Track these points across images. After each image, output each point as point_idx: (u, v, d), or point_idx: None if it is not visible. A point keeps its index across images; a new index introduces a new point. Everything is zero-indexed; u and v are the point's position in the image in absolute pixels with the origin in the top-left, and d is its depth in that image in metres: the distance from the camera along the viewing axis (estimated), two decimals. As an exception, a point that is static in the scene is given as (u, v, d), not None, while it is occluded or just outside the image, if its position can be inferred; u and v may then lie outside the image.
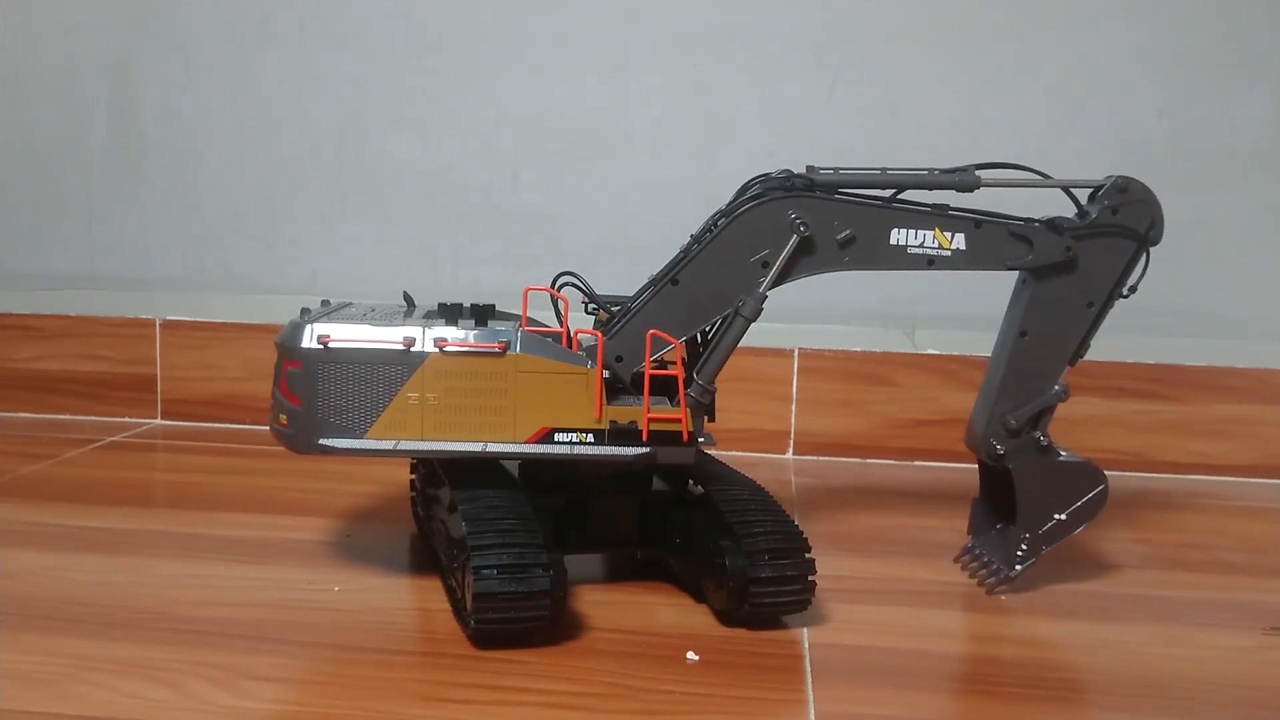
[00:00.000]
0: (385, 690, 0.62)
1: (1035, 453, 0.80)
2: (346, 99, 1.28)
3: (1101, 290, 0.79)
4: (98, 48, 1.30)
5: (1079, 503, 0.80)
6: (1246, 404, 1.18)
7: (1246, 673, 0.69)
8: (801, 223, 0.75)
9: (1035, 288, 0.79)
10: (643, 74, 1.24)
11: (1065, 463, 0.80)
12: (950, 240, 0.77)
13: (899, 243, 0.77)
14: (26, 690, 0.61)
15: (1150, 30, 1.17)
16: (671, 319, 0.76)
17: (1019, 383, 0.80)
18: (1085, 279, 0.79)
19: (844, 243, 0.76)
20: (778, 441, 1.23)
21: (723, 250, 0.76)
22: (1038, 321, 0.79)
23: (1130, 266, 0.79)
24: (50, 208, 1.34)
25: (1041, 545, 0.80)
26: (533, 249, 1.26)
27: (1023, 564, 0.80)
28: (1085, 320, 0.79)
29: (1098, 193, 0.79)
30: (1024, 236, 0.78)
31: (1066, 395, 0.80)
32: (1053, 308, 0.79)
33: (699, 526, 0.76)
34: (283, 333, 0.74)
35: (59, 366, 1.32)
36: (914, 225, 0.77)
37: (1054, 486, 0.80)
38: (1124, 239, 0.78)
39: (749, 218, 0.76)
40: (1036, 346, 0.80)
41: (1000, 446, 0.80)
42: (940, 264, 0.78)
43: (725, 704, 0.62)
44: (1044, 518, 0.80)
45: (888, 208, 0.77)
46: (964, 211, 0.77)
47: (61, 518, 0.92)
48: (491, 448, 0.72)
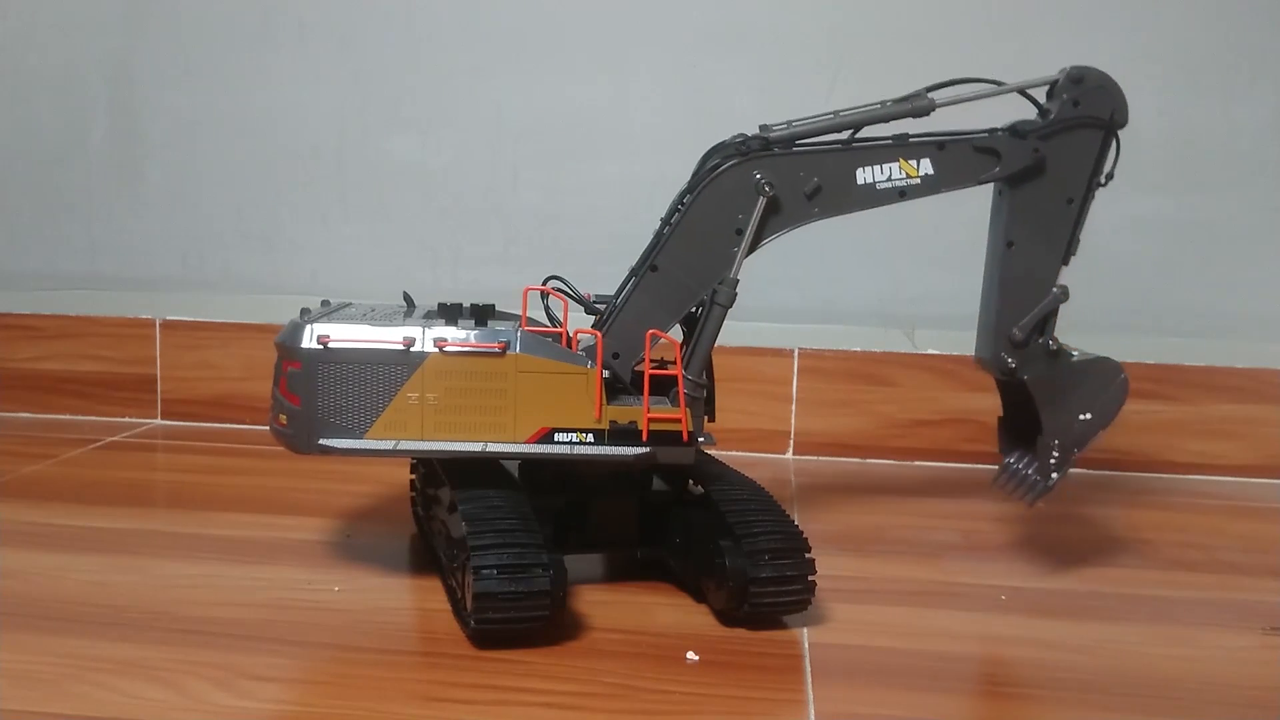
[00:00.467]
0: (385, 690, 0.62)
1: (1046, 359, 0.79)
2: (346, 99, 1.28)
3: (1078, 185, 0.78)
4: (98, 48, 1.30)
5: (1101, 398, 0.79)
6: (1246, 404, 1.18)
7: (1246, 673, 0.69)
8: (766, 183, 0.75)
9: (1012, 196, 0.78)
10: (642, 74, 1.24)
11: (1079, 362, 0.80)
12: (917, 168, 0.77)
13: (866, 181, 0.77)
14: (26, 690, 0.61)
15: (1150, 30, 1.17)
16: (658, 306, 0.76)
17: (1016, 293, 0.79)
18: (1060, 177, 0.78)
19: (811, 193, 0.76)
20: (778, 441, 1.23)
21: (694, 226, 0.76)
22: (1021, 229, 0.79)
23: (1102, 155, 0.78)
24: (50, 208, 1.34)
25: (1073, 448, 0.79)
26: (533, 249, 1.26)
27: (1058, 471, 0.79)
28: (1069, 218, 0.79)
29: (1055, 87, 0.78)
30: (989, 148, 0.77)
31: (1067, 296, 0.79)
32: (1033, 212, 0.78)
33: (699, 526, 0.76)
34: (282, 333, 0.74)
35: (59, 366, 1.32)
36: (878, 161, 0.76)
37: (1073, 388, 0.79)
38: (1090, 129, 0.77)
39: (713, 189, 0.75)
40: (1025, 254, 0.79)
41: (1011, 360, 0.79)
42: (912, 193, 0.77)
43: (725, 704, 0.62)
44: (1070, 421, 0.79)
45: (848, 149, 0.77)
46: (925, 136, 0.77)
47: (61, 518, 0.92)
48: (491, 448, 0.72)
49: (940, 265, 1.20)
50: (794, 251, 1.24)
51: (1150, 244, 1.19)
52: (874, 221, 1.21)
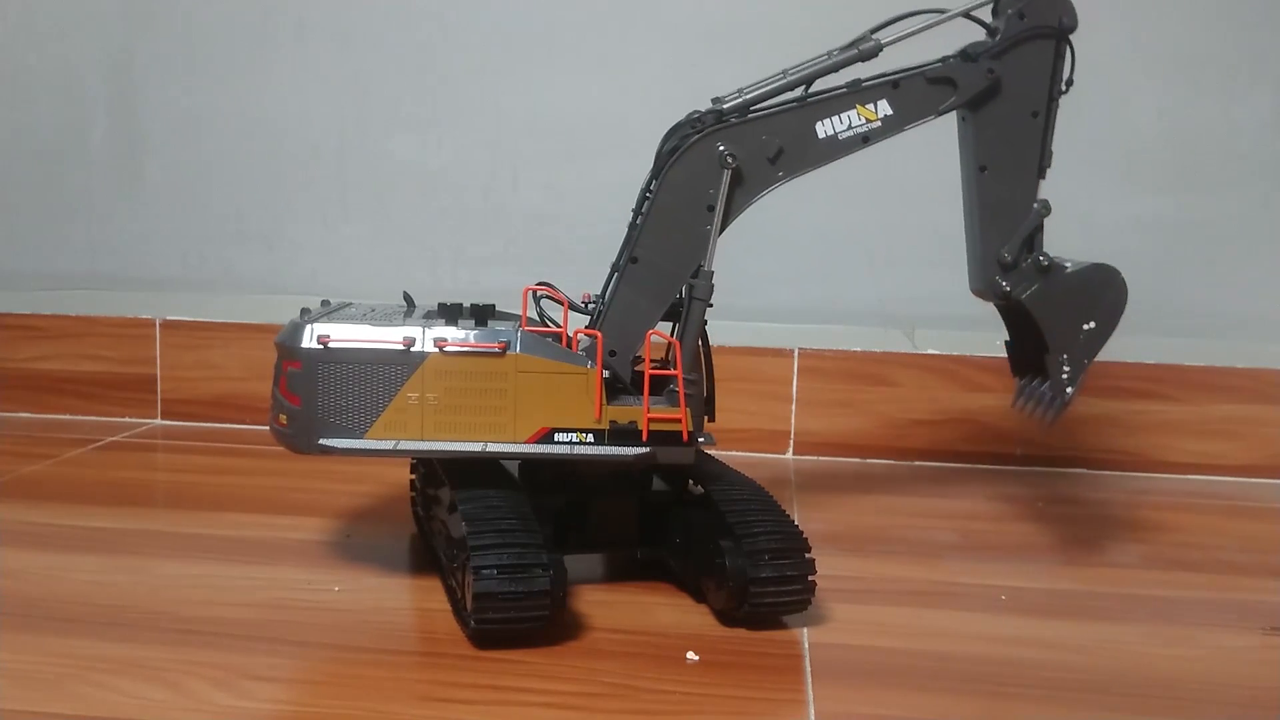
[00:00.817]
0: (385, 690, 0.62)
1: (1040, 276, 0.79)
2: (346, 99, 1.28)
3: (1040, 97, 0.78)
4: (98, 48, 1.30)
5: (1102, 305, 0.79)
6: (1246, 404, 1.18)
7: (1246, 673, 0.69)
8: (729, 154, 0.75)
9: (975, 120, 0.78)
10: (642, 74, 1.24)
11: (1074, 273, 0.79)
12: (875, 111, 0.77)
13: (828, 134, 0.76)
14: (26, 690, 0.61)
15: (1150, 30, 1.17)
16: (644, 296, 0.76)
17: (998, 216, 0.79)
18: (1019, 93, 0.78)
19: (774, 157, 0.76)
20: (778, 441, 1.23)
21: (665, 211, 0.76)
22: (991, 151, 0.79)
23: (1057, 63, 0.78)
24: (50, 208, 1.34)
25: (1083, 359, 0.79)
26: (533, 249, 1.26)
27: (1072, 384, 0.79)
28: (1036, 131, 0.78)
29: (999, 6, 0.78)
30: (943, 77, 0.77)
31: (1049, 210, 0.79)
32: (1000, 133, 0.78)
33: (699, 526, 0.76)
34: (282, 333, 0.74)
35: (59, 366, 1.32)
36: (835, 111, 0.76)
37: (1071, 300, 0.79)
38: (1040, 39, 0.77)
39: (678, 170, 0.75)
40: (1000, 175, 0.79)
41: (1005, 283, 0.79)
42: (875, 137, 0.77)
43: (725, 704, 0.62)
44: (1074, 333, 0.79)
45: (804, 105, 0.76)
46: (877, 78, 0.77)
47: (61, 518, 0.92)
48: (491, 448, 0.72)
49: (940, 265, 1.19)
50: (794, 251, 1.24)
51: (1150, 244, 1.19)
52: (874, 221, 1.22)
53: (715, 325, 0.80)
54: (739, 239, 0.78)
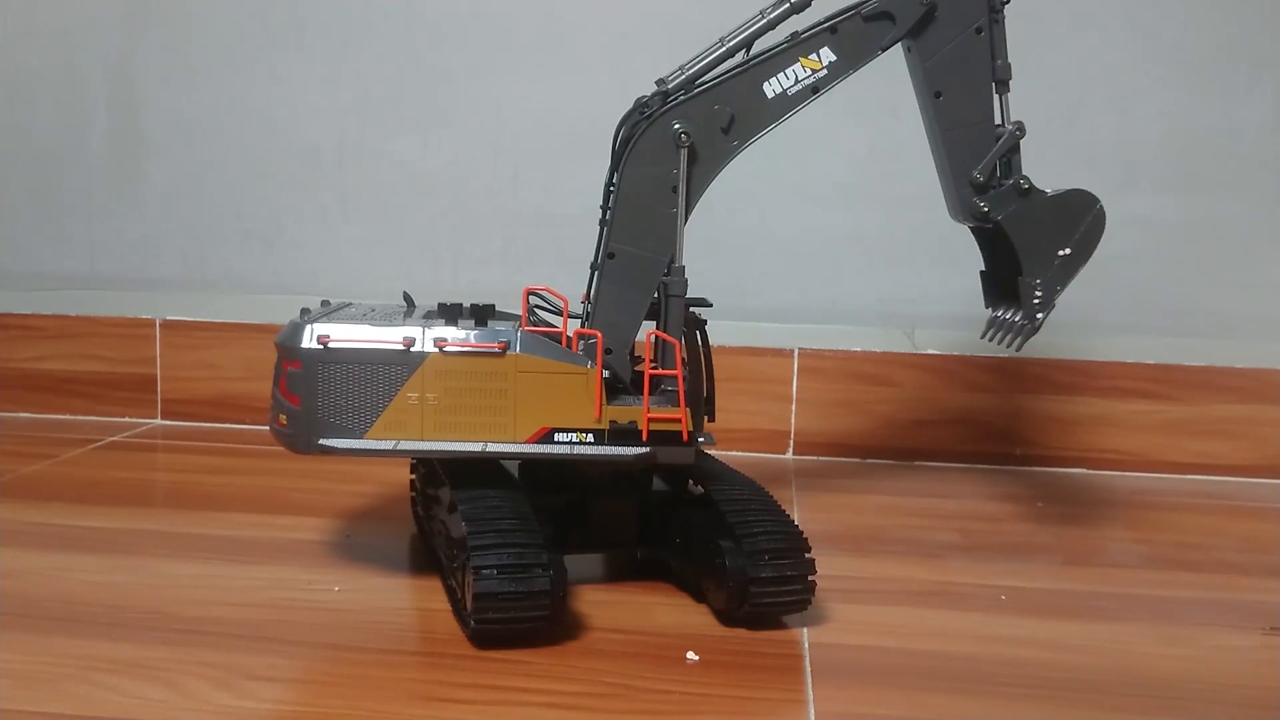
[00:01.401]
0: (385, 690, 0.62)
1: (1019, 198, 0.79)
2: (346, 99, 1.28)
3: (977, 12, 0.78)
4: (98, 48, 1.30)
5: (1079, 232, 0.79)
6: (1246, 404, 1.18)
7: (1246, 673, 0.69)
8: (683, 132, 0.75)
9: (919, 48, 0.79)
10: (642, 74, 1.23)
11: (1052, 196, 0.79)
12: (819, 60, 0.77)
13: (777, 92, 0.76)
14: (26, 690, 0.61)
15: (1150, 30, 1.17)
16: (628, 288, 0.76)
17: (962, 137, 0.79)
18: (957, 13, 0.78)
19: (726, 127, 0.76)
20: (778, 441, 1.23)
21: (632, 200, 0.76)
22: (941, 76, 0.79)
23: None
24: (50, 208, 1.34)
25: (1055, 286, 0.79)
26: (533, 249, 1.26)
27: (1043, 310, 0.79)
28: (983, 47, 0.79)
29: None
30: (880, 13, 0.77)
31: (1024, 132, 0.79)
32: (947, 56, 0.78)
33: (699, 526, 0.76)
34: (282, 333, 0.74)
35: (59, 366, 1.32)
36: (779, 69, 0.76)
37: (1048, 223, 0.79)
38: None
39: (636, 158, 0.75)
40: (955, 98, 0.79)
41: (983, 204, 0.79)
42: (824, 85, 0.77)
43: (725, 704, 0.62)
44: (1049, 257, 0.79)
45: (748, 68, 0.76)
46: (815, 27, 0.77)
47: (61, 518, 0.92)
48: (491, 448, 0.72)
49: (940, 265, 1.20)
50: (794, 251, 1.24)
51: (1150, 244, 1.19)
52: (874, 221, 1.22)
53: (715, 325, 0.80)
54: (739, 239, 0.78)
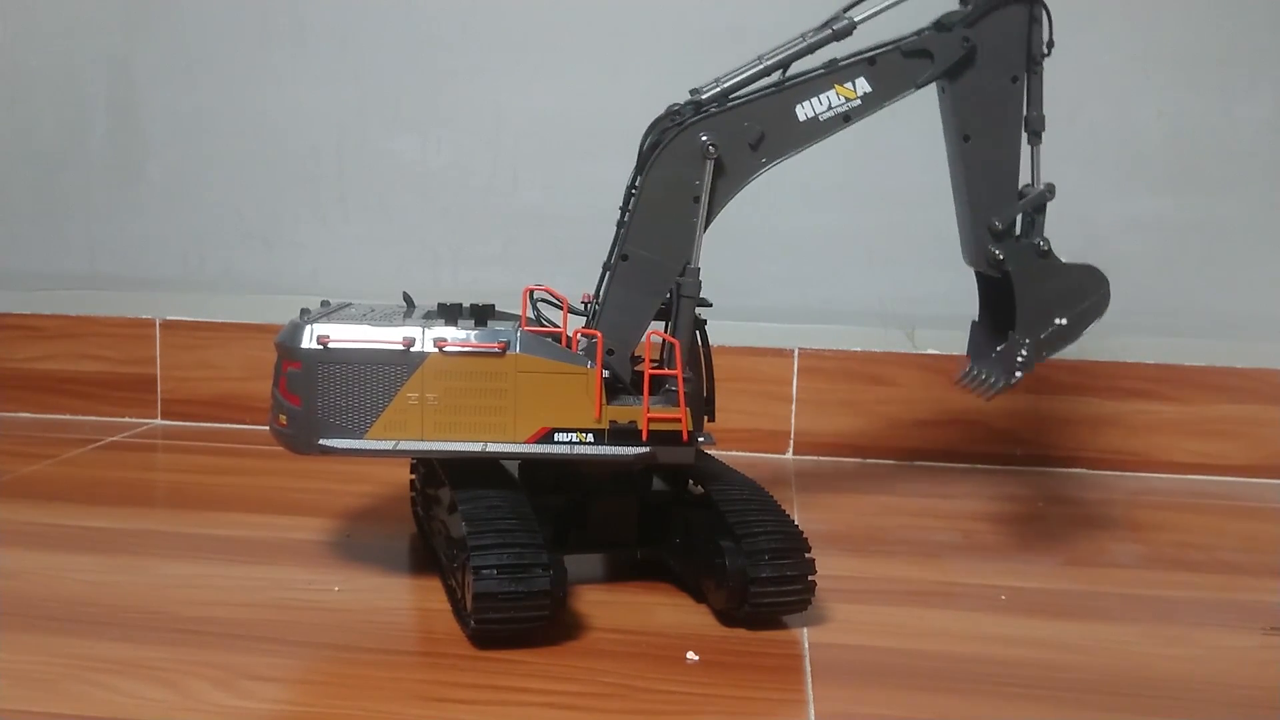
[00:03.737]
0: (385, 690, 0.62)
1: (1036, 258, 0.79)
2: (346, 99, 1.28)
3: (1017, 62, 0.78)
4: (98, 48, 1.30)
5: (1080, 306, 0.79)
6: (1246, 404, 1.18)
7: (1246, 673, 0.69)
8: (710, 144, 0.75)
9: (954, 90, 0.78)
10: (642, 74, 1.24)
11: (1066, 265, 0.79)
12: (854, 89, 0.77)
13: (808, 116, 0.76)
14: (26, 690, 0.61)
15: (1150, 30, 1.17)
16: (638, 292, 0.76)
17: (984, 183, 0.79)
18: (996, 59, 0.78)
19: (755, 143, 0.76)
20: (778, 441, 1.23)
21: (652, 205, 0.75)
22: (973, 120, 0.79)
23: (1032, 28, 0.78)
24: (50, 208, 1.34)
25: (1043, 351, 0.79)
26: (533, 249, 1.26)
27: (1022, 370, 0.79)
28: (1017, 96, 0.79)
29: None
30: (919, 50, 0.77)
31: (1053, 194, 0.79)
32: (980, 100, 0.78)
33: (699, 526, 0.76)
34: (282, 333, 0.74)
35: (59, 366, 1.32)
36: (814, 93, 0.76)
37: (1055, 289, 0.79)
38: (1013, 5, 0.77)
39: (662, 163, 0.75)
40: (983, 143, 0.79)
41: (999, 252, 0.79)
42: (856, 115, 0.77)
43: (725, 704, 0.62)
44: (1045, 321, 0.79)
45: (782, 89, 0.76)
46: (854, 56, 0.77)
47: (61, 518, 0.92)
48: (491, 448, 0.72)
49: (940, 265, 1.19)
50: (794, 251, 1.24)
51: (1150, 244, 1.19)
52: (874, 221, 1.22)
53: (715, 325, 0.80)
54: (739, 239, 0.78)
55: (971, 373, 0.84)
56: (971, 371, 0.84)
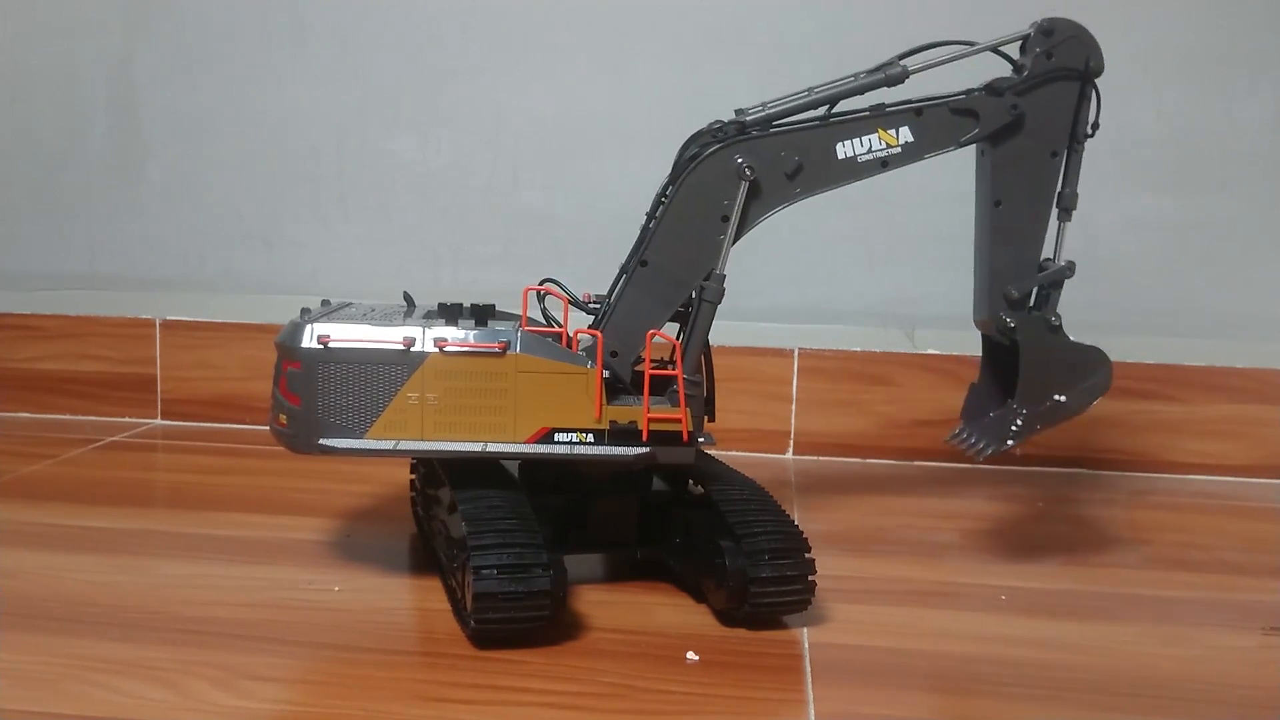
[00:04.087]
0: (385, 690, 0.62)
1: (1045, 330, 0.79)
2: (346, 99, 1.28)
3: (1060, 137, 0.78)
4: (98, 48, 1.30)
5: (1080, 386, 0.79)
6: (1246, 404, 1.18)
7: (1246, 673, 0.69)
8: (747, 166, 0.74)
9: (994, 154, 0.78)
10: (642, 74, 1.24)
11: (1073, 344, 0.80)
12: (896, 137, 0.76)
13: (847, 155, 0.76)
14: (26, 690, 0.61)
15: (1150, 30, 1.17)
16: (652, 300, 0.76)
17: (1007, 250, 0.79)
18: (1040, 131, 0.78)
19: (792, 173, 0.76)
20: (778, 441, 1.23)
21: (680, 217, 0.75)
22: (1007, 186, 0.79)
23: (1081, 106, 0.78)
24: (50, 208, 1.34)
25: (1036, 424, 0.79)
26: (533, 249, 1.26)
27: (1015, 439, 0.79)
28: (1054, 171, 0.78)
29: (1027, 43, 0.78)
30: (967, 109, 0.77)
31: (1073, 271, 0.79)
32: (1017, 168, 0.78)
33: (699, 526, 0.76)
34: (282, 333, 0.74)
35: (59, 366, 1.32)
36: (856, 134, 0.76)
37: (1059, 365, 0.79)
38: (1066, 80, 0.77)
39: (695, 177, 0.75)
40: (1013, 210, 0.79)
41: (1011, 320, 0.79)
42: (894, 162, 0.77)
43: (725, 704, 0.62)
44: (1044, 396, 0.79)
45: (826, 125, 0.76)
46: (901, 104, 0.77)
47: (61, 518, 0.92)
48: (491, 448, 0.72)
49: (940, 265, 1.20)
50: (794, 251, 1.24)
51: (1150, 244, 1.19)
52: (874, 221, 1.22)
53: (715, 325, 0.80)
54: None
55: (961, 434, 0.84)
56: (962, 433, 0.84)
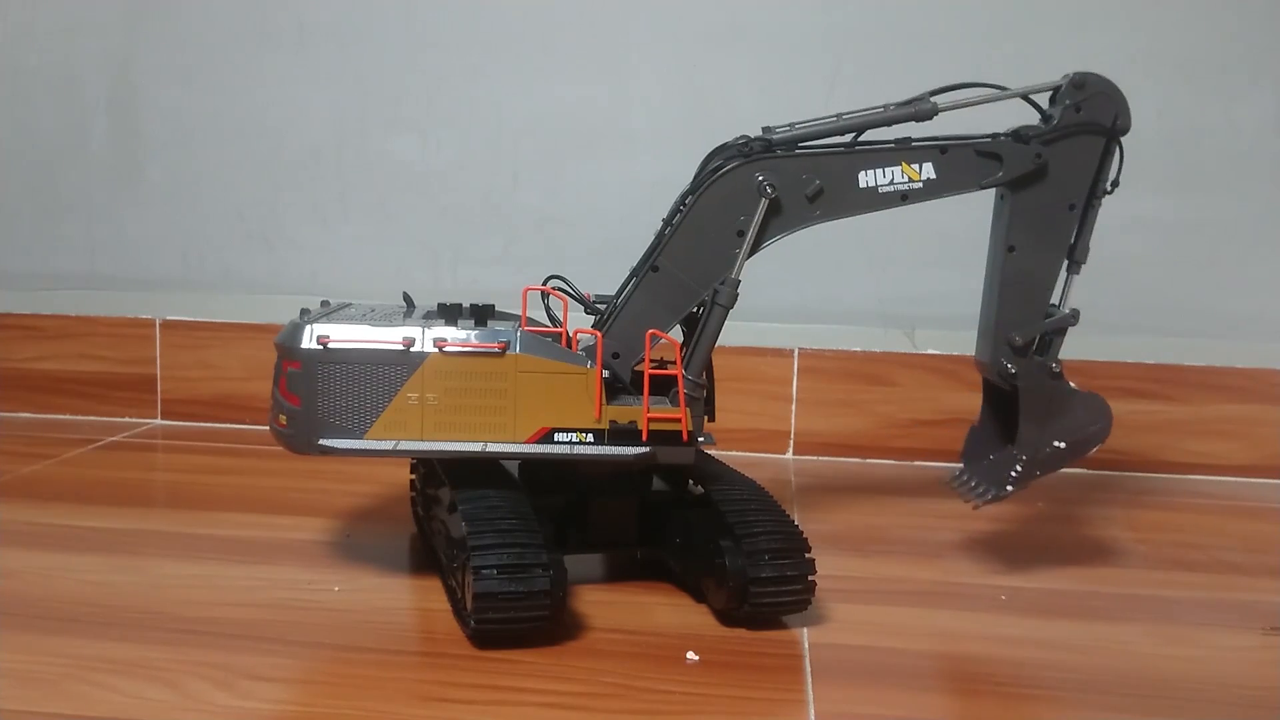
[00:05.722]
0: (385, 690, 0.62)
1: (1046, 377, 0.80)
2: (346, 99, 1.28)
3: (1080, 190, 0.78)
4: (98, 48, 1.30)
5: (1080, 434, 0.80)
6: (1246, 404, 1.18)
7: (1246, 673, 0.69)
8: (768, 184, 0.75)
9: (1013, 200, 0.78)
10: (643, 74, 1.24)
11: (1074, 391, 0.80)
12: (919, 172, 0.77)
13: (868, 184, 0.77)
14: (26, 690, 0.61)
15: (1150, 30, 1.17)
16: (659, 306, 0.76)
17: (1016, 297, 0.79)
18: (1061, 182, 0.78)
19: (813, 196, 0.76)
20: (778, 441, 1.23)
21: (696, 227, 0.76)
22: (1022, 233, 0.79)
23: (1104, 161, 0.78)
24: (50, 208, 1.34)
25: (1036, 470, 0.80)
26: (533, 249, 1.26)
27: (1014, 485, 0.79)
28: (1070, 223, 0.79)
29: (1057, 94, 0.78)
30: (992, 153, 0.77)
31: (1077, 319, 0.79)
32: (1034, 217, 0.78)
33: (699, 526, 0.76)
34: (282, 333, 0.74)
35: (59, 366, 1.32)
36: (880, 164, 0.76)
37: (1059, 413, 0.80)
38: (1092, 135, 0.78)
39: (716, 190, 0.75)
40: (1026, 258, 0.79)
41: (1011, 366, 0.79)
42: (914, 197, 0.77)
43: (725, 704, 0.62)
44: (1044, 443, 0.79)
45: (851, 152, 0.76)
46: (927, 140, 0.77)
47: (61, 518, 0.92)
48: (491, 448, 0.72)
49: (940, 265, 1.20)
50: (794, 251, 1.24)
51: (1150, 244, 1.19)
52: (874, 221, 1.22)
53: (715, 325, 0.80)
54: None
55: (962, 477, 0.85)
56: (963, 476, 0.85)
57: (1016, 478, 0.79)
